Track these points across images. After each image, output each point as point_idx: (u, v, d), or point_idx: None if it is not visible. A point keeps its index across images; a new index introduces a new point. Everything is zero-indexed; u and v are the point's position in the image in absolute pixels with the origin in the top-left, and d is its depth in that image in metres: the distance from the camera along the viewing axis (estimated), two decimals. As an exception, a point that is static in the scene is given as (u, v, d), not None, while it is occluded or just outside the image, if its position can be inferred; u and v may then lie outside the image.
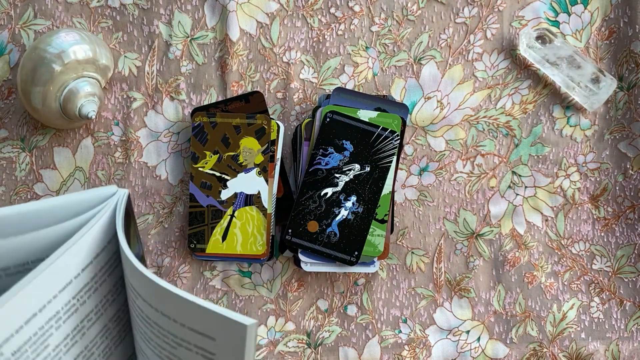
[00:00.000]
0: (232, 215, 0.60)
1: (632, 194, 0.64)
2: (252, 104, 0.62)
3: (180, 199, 0.63)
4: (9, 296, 0.36)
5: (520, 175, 0.64)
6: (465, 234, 0.64)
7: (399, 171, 0.64)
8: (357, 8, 0.64)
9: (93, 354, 0.46)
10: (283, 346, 0.63)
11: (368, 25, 0.64)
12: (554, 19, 0.65)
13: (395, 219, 0.63)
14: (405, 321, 0.63)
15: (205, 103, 0.64)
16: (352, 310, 0.63)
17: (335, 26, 0.64)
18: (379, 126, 0.60)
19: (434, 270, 0.63)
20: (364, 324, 0.63)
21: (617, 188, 0.64)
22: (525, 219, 0.64)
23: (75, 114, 0.59)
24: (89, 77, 0.59)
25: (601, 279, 0.64)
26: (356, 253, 0.60)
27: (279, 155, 0.62)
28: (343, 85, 0.64)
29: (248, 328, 0.37)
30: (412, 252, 0.63)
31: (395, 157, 0.60)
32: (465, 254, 0.64)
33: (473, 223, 0.64)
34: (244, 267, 0.63)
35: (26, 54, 0.59)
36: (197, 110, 0.62)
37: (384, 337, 0.63)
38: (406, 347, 0.63)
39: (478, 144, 0.64)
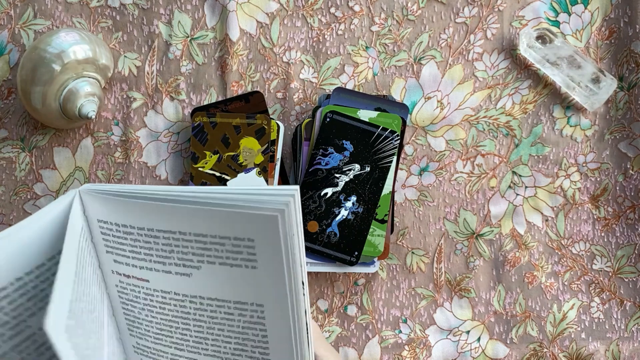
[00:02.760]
0: (232, 215, 0.60)
1: (632, 194, 0.64)
2: (252, 104, 0.62)
3: (180, 199, 0.63)
4: None
5: (520, 175, 0.64)
6: (465, 234, 0.64)
7: (399, 171, 0.64)
8: (357, 8, 0.64)
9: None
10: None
11: (368, 25, 0.64)
12: (554, 19, 0.65)
13: (395, 219, 0.63)
14: (405, 321, 0.63)
15: (205, 103, 0.64)
16: (352, 310, 0.63)
17: (335, 26, 0.64)
18: (379, 126, 0.60)
19: (434, 270, 0.63)
20: (364, 324, 0.63)
21: (617, 188, 0.64)
22: (526, 219, 0.64)
23: (75, 114, 0.59)
24: (88, 77, 0.59)
25: (601, 279, 0.64)
26: (356, 253, 0.60)
27: (279, 155, 0.62)
28: (343, 85, 0.64)
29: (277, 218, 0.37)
30: (412, 252, 0.63)
31: (395, 157, 0.60)
32: (466, 254, 0.64)
33: (473, 223, 0.64)
34: (244, 267, 0.63)
35: (26, 54, 0.59)
36: (197, 110, 0.61)
37: (384, 337, 0.63)
38: (406, 347, 0.63)
39: (478, 144, 0.64)
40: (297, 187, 0.39)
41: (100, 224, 0.44)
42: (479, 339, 0.63)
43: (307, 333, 0.44)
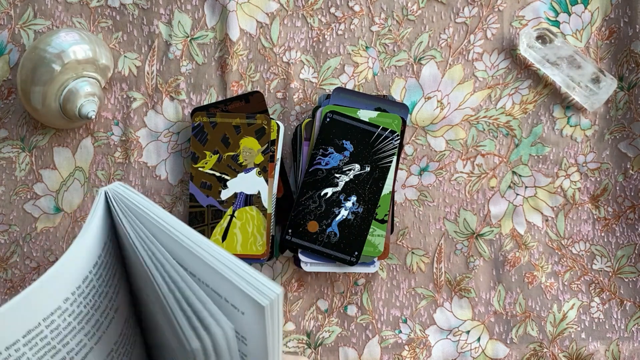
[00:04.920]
0: (232, 216, 0.60)
1: (632, 194, 0.64)
2: (252, 104, 0.62)
3: (180, 199, 0.63)
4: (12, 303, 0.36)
5: (520, 175, 0.64)
6: (465, 234, 0.64)
7: (399, 171, 0.64)
8: (357, 8, 0.64)
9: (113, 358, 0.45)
10: (283, 346, 0.63)
11: (368, 25, 0.64)
12: (554, 19, 0.65)
13: (395, 219, 0.63)
14: (405, 321, 0.63)
15: (205, 103, 0.64)
16: (352, 310, 0.63)
17: (335, 26, 0.64)
18: (379, 126, 0.60)
19: (434, 270, 0.63)
20: (364, 324, 0.63)
21: (617, 188, 0.64)
22: (526, 219, 0.64)
23: (75, 114, 0.59)
24: (88, 77, 0.59)
25: (601, 279, 0.64)
26: (356, 253, 0.60)
27: (279, 155, 0.62)
28: (343, 85, 0.64)
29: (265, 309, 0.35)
30: (412, 252, 0.63)
31: (395, 157, 0.60)
32: (466, 254, 0.64)
33: (473, 223, 0.64)
34: (244, 267, 0.63)
35: (26, 54, 0.59)
36: (197, 110, 0.61)
37: (384, 337, 0.63)
38: (406, 347, 0.63)
39: (478, 144, 0.64)
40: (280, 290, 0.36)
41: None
42: (479, 339, 0.63)
43: None
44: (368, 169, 0.60)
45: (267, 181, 0.61)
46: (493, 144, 0.64)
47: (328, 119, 0.60)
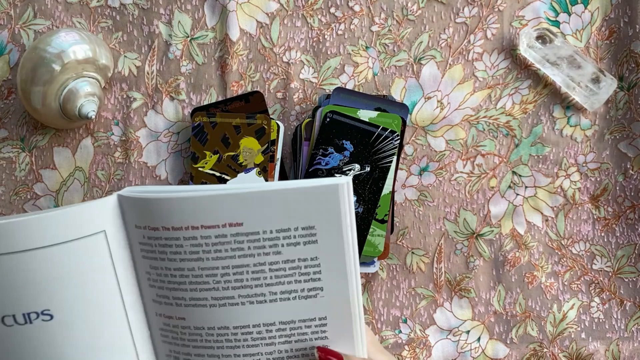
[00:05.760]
0: (232, 215, 0.60)
1: (632, 194, 0.64)
2: (252, 104, 0.62)
3: (180, 199, 0.63)
4: None
5: (520, 175, 0.64)
6: (465, 234, 0.64)
7: (399, 171, 0.64)
8: (357, 8, 0.64)
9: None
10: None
11: (368, 25, 0.64)
12: (554, 19, 0.65)
13: (395, 219, 0.63)
14: (405, 321, 0.63)
15: (205, 103, 0.64)
16: (352, 310, 0.63)
17: (335, 26, 0.64)
18: (379, 126, 0.60)
19: (434, 270, 0.63)
20: (364, 324, 0.63)
21: (617, 188, 0.64)
22: (526, 219, 0.64)
23: (75, 114, 0.59)
24: (88, 77, 0.59)
25: (601, 279, 0.64)
26: (356, 253, 0.59)
27: (279, 155, 0.62)
28: (343, 85, 0.64)
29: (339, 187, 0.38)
30: (412, 252, 0.63)
31: (395, 157, 0.60)
32: (466, 254, 0.64)
33: (473, 223, 0.64)
34: (244, 267, 0.63)
35: (26, 54, 0.59)
36: (197, 110, 0.61)
37: (384, 337, 0.63)
38: (406, 347, 0.63)
39: (478, 144, 0.64)
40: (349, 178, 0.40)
41: (141, 233, 0.42)
42: (479, 339, 0.63)
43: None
44: (368, 169, 0.60)
45: (267, 181, 0.61)
46: (493, 144, 0.64)
47: (328, 119, 0.60)
